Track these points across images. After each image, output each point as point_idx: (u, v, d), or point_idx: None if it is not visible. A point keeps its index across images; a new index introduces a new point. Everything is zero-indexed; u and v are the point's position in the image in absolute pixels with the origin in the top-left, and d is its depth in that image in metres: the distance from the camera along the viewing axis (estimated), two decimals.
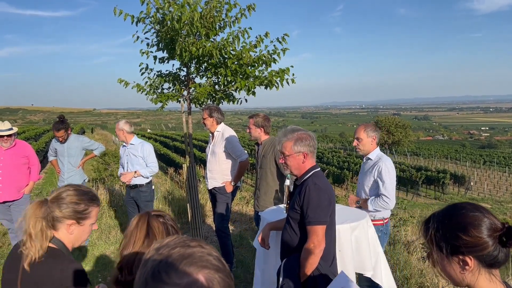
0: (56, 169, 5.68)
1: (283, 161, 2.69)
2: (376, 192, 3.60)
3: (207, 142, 5.24)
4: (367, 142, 3.70)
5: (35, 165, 5.29)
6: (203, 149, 28.70)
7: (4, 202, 5.04)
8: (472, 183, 34.02)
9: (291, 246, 2.65)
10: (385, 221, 3.73)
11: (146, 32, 5.54)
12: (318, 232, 2.45)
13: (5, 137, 4.93)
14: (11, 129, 4.98)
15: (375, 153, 3.70)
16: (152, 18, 5.17)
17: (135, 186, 5.01)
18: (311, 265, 2.45)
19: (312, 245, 2.44)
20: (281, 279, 2.60)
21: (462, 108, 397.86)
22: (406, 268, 4.44)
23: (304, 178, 2.61)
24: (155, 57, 5.91)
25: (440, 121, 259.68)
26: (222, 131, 4.88)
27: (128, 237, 1.57)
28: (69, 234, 1.77)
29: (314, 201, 2.47)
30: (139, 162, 4.95)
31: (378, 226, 3.62)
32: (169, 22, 4.93)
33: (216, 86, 5.99)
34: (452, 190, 32.22)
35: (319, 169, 2.69)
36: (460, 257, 1.24)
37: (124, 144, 5.07)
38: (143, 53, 5.73)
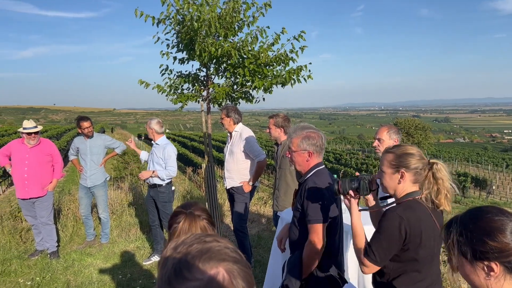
0: (77, 167, 5.79)
1: (289, 156, 2.71)
2: None
3: (224, 142, 5.28)
4: (388, 144, 3.66)
5: (58, 163, 5.42)
6: (220, 149, 28.81)
7: (29, 199, 5.18)
8: (494, 187, 33.27)
9: (295, 244, 2.68)
10: None
11: (167, 33, 5.60)
12: (317, 230, 2.47)
13: (33, 135, 5.08)
14: (36, 127, 5.13)
15: None
16: (172, 19, 5.23)
17: (154, 185, 5.06)
18: (312, 262, 2.49)
19: (312, 243, 2.47)
20: (283, 275, 2.64)
21: (484, 110, 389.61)
22: None
23: (306, 177, 2.62)
24: (174, 58, 5.98)
25: (461, 124, 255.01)
26: (240, 131, 4.91)
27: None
28: None
29: (313, 199, 2.48)
30: (160, 162, 5.01)
31: None
32: (188, 23, 4.98)
33: (235, 86, 6.03)
34: (473, 193, 31.59)
35: (323, 166, 2.68)
36: (485, 263, 1.19)
37: (152, 142, 5.16)
38: (164, 54, 5.80)
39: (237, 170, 4.88)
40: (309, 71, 5.38)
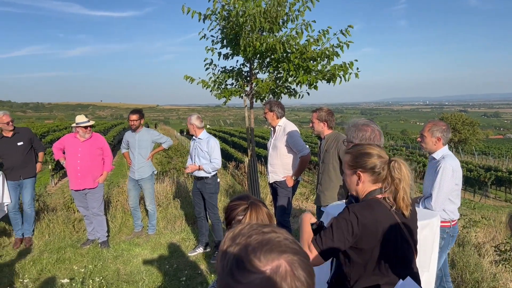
0: (127, 161, 6.01)
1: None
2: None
3: (263, 138, 5.29)
4: (430, 141, 3.56)
5: (108, 156, 5.65)
6: (259, 145, 28.94)
7: (82, 190, 5.44)
8: None
9: None
10: (453, 223, 3.55)
11: (212, 29, 5.71)
12: None
13: (88, 128, 5.34)
14: (89, 121, 5.38)
15: (441, 153, 3.54)
16: (218, 15, 5.31)
17: (201, 178, 5.18)
18: None
19: None
20: (333, 269, 2.60)
21: None
22: (477, 271, 4.23)
23: None
24: (219, 54, 6.08)
25: None
26: (284, 126, 4.91)
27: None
28: None
29: None
30: (205, 156, 5.11)
31: (444, 228, 3.47)
32: (234, 18, 5.05)
33: (277, 81, 6.05)
34: None
35: None
36: None
37: (194, 137, 5.27)
38: (209, 50, 5.91)
39: (280, 165, 4.89)
40: (357, 69, 5.31)
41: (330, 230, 1.98)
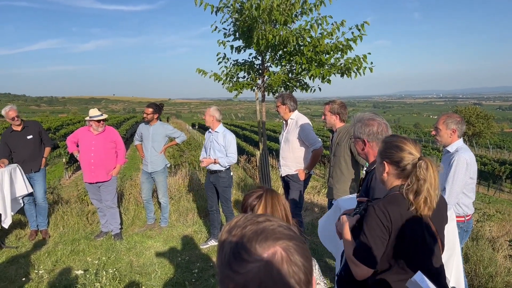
0: (140, 153, 6.06)
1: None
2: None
3: (275, 132, 5.27)
4: (445, 134, 3.51)
5: (121, 149, 5.69)
6: (270, 138, 28.91)
7: (95, 183, 5.50)
8: None
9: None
10: (467, 218, 3.51)
11: (224, 22, 5.70)
12: None
13: (101, 122, 5.39)
14: (102, 115, 5.43)
15: (455, 146, 3.50)
16: (231, 7, 5.30)
17: (215, 171, 5.20)
18: None
19: None
20: (342, 263, 2.59)
21: None
22: (491, 265, 4.18)
23: (373, 167, 2.55)
24: (232, 47, 6.07)
25: None
26: (296, 119, 4.89)
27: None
28: None
29: (376, 192, 2.40)
30: (221, 150, 5.12)
31: (458, 223, 3.43)
32: (247, 11, 5.03)
33: (290, 74, 6.02)
34: None
35: None
36: None
37: (210, 130, 5.27)
38: (221, 43, 5.90)
39: (293, 158, 4.88)
40: (371, 63, 5.26)
41: (365, 237, 1.97)
